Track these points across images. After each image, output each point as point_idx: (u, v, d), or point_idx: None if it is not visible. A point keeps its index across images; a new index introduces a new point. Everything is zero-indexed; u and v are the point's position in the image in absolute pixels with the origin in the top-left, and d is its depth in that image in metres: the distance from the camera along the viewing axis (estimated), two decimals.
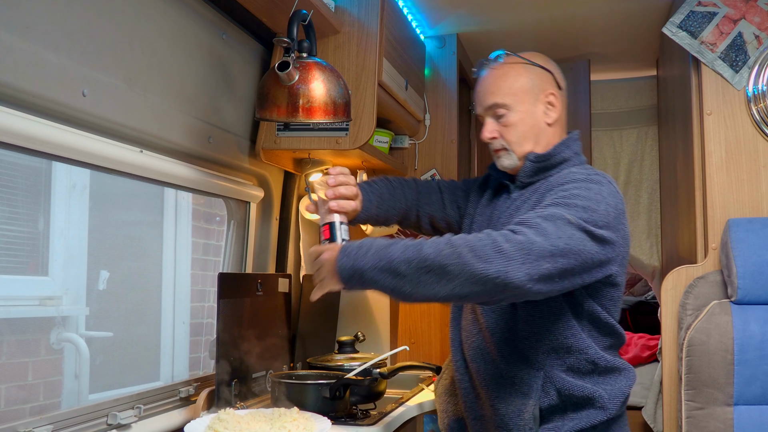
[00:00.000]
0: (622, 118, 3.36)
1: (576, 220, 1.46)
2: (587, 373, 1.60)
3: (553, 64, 1.77)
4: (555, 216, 1.45)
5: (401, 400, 2.22)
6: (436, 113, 2.92)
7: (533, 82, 1.71)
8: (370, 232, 2.74)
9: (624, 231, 1.57)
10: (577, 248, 1.44)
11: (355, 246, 1.47)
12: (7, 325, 2.54)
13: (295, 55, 1.79)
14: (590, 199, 1.51)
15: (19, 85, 1.36)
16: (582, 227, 1.46)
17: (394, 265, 1.40)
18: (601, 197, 1.53)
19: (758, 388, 2.05)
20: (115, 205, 3.12)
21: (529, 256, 1.38)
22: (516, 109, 1.69)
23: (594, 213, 1.49)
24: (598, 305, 1.60)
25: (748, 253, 2.12)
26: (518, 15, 2.71)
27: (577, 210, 1.48)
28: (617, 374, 1.62)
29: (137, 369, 3.26)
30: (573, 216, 1.46)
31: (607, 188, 1.57)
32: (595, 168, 1.72)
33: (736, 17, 2.31)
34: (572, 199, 1.51)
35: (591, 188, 1.55)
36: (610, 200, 1.54)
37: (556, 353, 1.59)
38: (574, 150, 1.72)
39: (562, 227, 1.43)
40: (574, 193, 1.53)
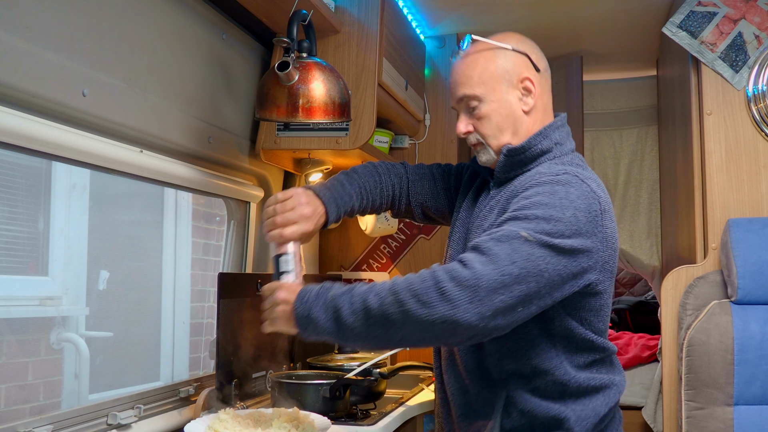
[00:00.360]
0: (622, 118, 3.36)
1: (535, 236, 1.32)
2: (555, 395, 1.46)
3: (530, 43, 1.59)
4: (509, 236, 1.32)
5: (401, 400, 2.22)
6: (436, 113, 2.92)
7: (505, 68, 1.53)
8: (369, 231, 2.74)
9: (603, 233, 1.41)
10: (537, 269, 1.30)
11: (313, 294, 1.38)
12: (7, 325, 2.54)
13: (295, 55, 1.79)
14: (554, 207, 1.36)
15: (19, 85, 1.36)
16: (543, 242, 1.32)
17: (342, 317, 1.33)
18: (568, 201, 1.37)
19: (758, 388, 2.06)
20: (115, 205, 3.12)
21: (476, 294, 1.26)
22: (488, 99, 1.53)
23: (558, 222, 1.34)
24: (576, 320, 1.45)
25: (748, 253, 2.12)
26: (518, 15, 2.71)
27: (537, 222, 1.34)
28: (593, 394, 1.47)
29: (137, 369, 3.26)
30: (531, 231, 1.32)
31: (577, 189, 1.40)
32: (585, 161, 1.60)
33: (736, 17, 2.31)
34: (532, 209, 1.37)
35: (556, 192, 1.39)
36: (580, 203, 1.38)
37: (521, 374, 1.46)
38: (554, 139, 1.55)
39: (517, 248, 1.30)
40: (536, 201, 1.38)
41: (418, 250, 2.90)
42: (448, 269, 1.30)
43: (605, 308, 1.49)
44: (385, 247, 2.92)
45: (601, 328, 1.49)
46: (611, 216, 1.47)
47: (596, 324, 1.48)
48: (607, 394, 1.49)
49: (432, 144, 2.92)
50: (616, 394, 1.51)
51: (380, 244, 2.93)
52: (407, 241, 2.91)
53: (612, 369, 1.53)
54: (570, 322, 1.44)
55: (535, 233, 1.32)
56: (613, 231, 1.46)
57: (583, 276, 1.39)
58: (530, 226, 1.33)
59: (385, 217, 2.72)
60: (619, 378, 1.54)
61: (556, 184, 1.41)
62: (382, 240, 2.92)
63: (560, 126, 1.57)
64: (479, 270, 1.28)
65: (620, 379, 1.54)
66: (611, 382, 1.50)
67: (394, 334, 1.32)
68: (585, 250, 1.37)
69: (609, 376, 1.51)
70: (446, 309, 1.26)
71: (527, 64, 1.55)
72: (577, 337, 1.46)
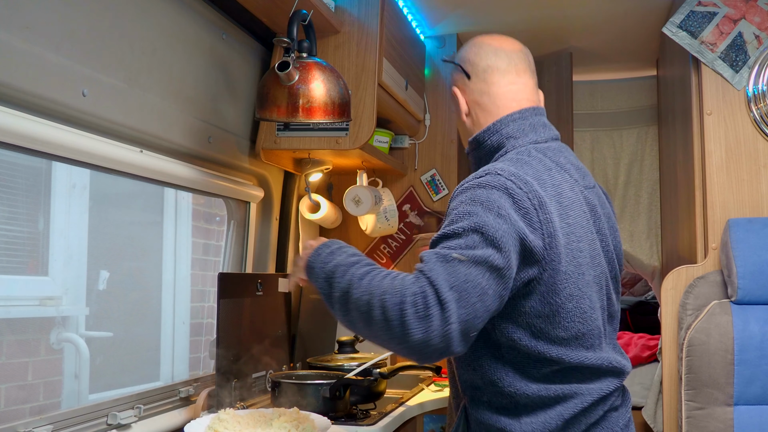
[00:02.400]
0: (622, 118, 3.36)
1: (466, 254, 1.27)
2: (506, 408, 1.42)
3: (470, 48, 1.62)
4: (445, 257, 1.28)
5: (401, 400, 2.22)
6: (436, 113, 2.92)
7: (450, 82, 1.65)
8: (369, 231, 2.74)
9: (543, 227, 1.36)
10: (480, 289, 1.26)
11: (327, 252, 1.42)
12: (7, 325, 2.54)
13: (295, 55, 1.79)
14: (475, 215, 1.32)
15: (19, 85, 1.36)
16: (474, 260, 1.27)
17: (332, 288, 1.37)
18: (489, 202, 1.33)
19: (758, 388, 2.06)
20: (115, 205, 3.12)
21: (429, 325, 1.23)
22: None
23: (484, 230, 1.29)
24: (515, 327, 1.39)
25: (748, 253, 2.12)
26: (518, 15, 2.71)
27: (449, 240, 1.31)
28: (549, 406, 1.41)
29: (137, 369, 3.26)
30: (460, 250, 1.28)
31: (499, 189, 1.35)
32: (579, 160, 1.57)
33: (736, 17, 2.31)
34: (446, 227, 1.34)
35: (477, 196, 1.35)
36: (503, 201, 1.33)
37: (475, 386, 1.46)
38: (506, 134, 1.52)
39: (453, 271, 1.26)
40: (455, 214, 1.35)
41: (418, 250, 2.90)
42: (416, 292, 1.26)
43: (563, 313, 1.39)
44: (385, 247, 2.92)
45: (562, 336, 1.39)
46: (555, 210, 1.40)
47: (551, 331, 1.39)
48: (566, 405, 1.41)
49: (432, 144, 2.92)
50: (578, 404, 1.41)
51: (380, 244, 2.93)
52: (407, 241, 2.91)
53: (579, 378, 1.43)
54: (513, 330, 1.39)
55: (464, 251, 1.28)
56: (561, 226, 1.39)
57: (532, 276, 1.35)
58: (460, 242, 1.30)
59: (385, 217, 2.72)
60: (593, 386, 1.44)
61: (478, 187, 1.37)
62: (382, 240, 2.92)
63: (516, 119, 1.54)
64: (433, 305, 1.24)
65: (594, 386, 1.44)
66: (573, 392, 1.41)
67: (359, 331, 1.36)
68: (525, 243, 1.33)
69: (570, 386, 1.42)
70: (399, 334, 1.25)
71: (458, 74, 1.61)
72: (523, 348, 1.39)
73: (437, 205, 2.90)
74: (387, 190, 2.79)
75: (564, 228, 1.39)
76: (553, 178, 1.44)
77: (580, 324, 1.41)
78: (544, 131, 1.55)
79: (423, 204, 2.91)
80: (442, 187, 2.89)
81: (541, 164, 1.46)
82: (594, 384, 1.44)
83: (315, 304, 2.57)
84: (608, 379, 1.46)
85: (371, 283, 1.31)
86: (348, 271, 1.36)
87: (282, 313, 2.31)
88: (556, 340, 1.39)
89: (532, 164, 1.44)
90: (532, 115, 1.55)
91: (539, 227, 1.35)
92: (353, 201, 2.57)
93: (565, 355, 1.40)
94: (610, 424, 1.47)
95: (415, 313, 1.23)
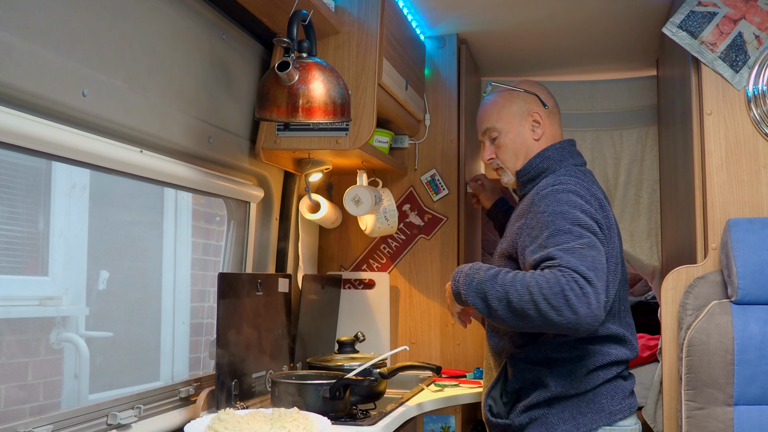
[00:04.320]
0: (622, 118, 3.36)
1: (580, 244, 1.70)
2: (542, 360, 1.85)
3: (539, 86, 2.06)
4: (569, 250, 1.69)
5: (401, 400, 2.22)
6: (436, 113, 2.92)
7: (519, 105, 2.02)
8: (369, 231, 2.74)
9: (605, 222, 1.83)
10: (602, 265, 1.69)
11: (462, 275, 1.80)
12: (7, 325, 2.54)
13: (295, 55, 1.79)
14: (564, 213, 1.76)
15: (19, 85, 1.36)
16: (590, 244, 1.71)
17: (489, 300, 1.72)
18: (571, 202, 1.78)
19: (758, 388, 2.05)
20: (115, 205, 3.12)
21: (589, 302, 1.62)
22: (505, 131, 2.01)
23: (579, 225, 1.74)
24: None
25: (748, 253, 2.12)
26: (518, 15, 2.71)
27: (564, 235, 1.72)
28: (576, 359, 1.84)
29: (137, 369, 3.26)
30: (579, 241, 1.71)
31: (574, 193, 1.80)
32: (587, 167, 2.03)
33: (736, 17, 2.31)
34: (550, 226, 1.75)
35: (560, 199, 1.79)
36: (579, 200, 1.79)
37: (518, 344, 1.89)
38: (552, 158, 1.97)
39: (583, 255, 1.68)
40: (549, 211, 1.78)
41: (418, 250, 2.90)
42: (569, 279, 1.63)
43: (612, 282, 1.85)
44: (385, 247, 2.92)
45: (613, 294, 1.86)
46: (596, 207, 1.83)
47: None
48: (591, 360, 1.84)
49: (432, 144, 2.92)
50: (599, 360, 1.85)
51: (380, 244, 2.93)
52: (407, 241, 2.91)
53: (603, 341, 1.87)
54: None
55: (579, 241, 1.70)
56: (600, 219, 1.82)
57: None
58: (570, 237, 1.72)
59: (385, 217, 2.72)
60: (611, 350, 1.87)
61: (557, 193, 1.81)
62: (382, 240, 2.92)
63: (558, 147, 2.00)
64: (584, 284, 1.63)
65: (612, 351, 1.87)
66: (596, 351, 1.85)
67: (528, 323, 1.68)
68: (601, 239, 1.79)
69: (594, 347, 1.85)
70: (570, 315, 1.62)
71: (536, 102, 2.03)
72: None
73: (437, 205, 2.90)
74: (387, 190, 2.79)
75: (605, 221, 1.84)
76: (594, 187, 1.90)
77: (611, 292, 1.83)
78: (579, 158, 2.03)
79: (423, 204, 2.91)
80: (442, 187, 2.89)
81: (585, 177, 1.92)
82: (613, 349, 1.87)
83: (315, 304, 2.57)
84: (623, 348, 1.90)
85: (523, 284, 1.66)
86: (496, 282, 1.72)
87: (282, 313, 2.31)
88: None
89: (580, 177, 1.90)
90: (569, 145, 2.03)
91: (598, 215, 1.81)
92: (353, 201, 2.57)
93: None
94: (621, 385, 1.90)
95: (575, 295, 1.60)
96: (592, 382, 1.85)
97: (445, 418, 2.59)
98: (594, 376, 1.85)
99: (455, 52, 2.92)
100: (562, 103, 3.32)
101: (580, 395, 1.85)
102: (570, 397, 1.85)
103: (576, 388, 1.84)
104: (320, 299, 2.62)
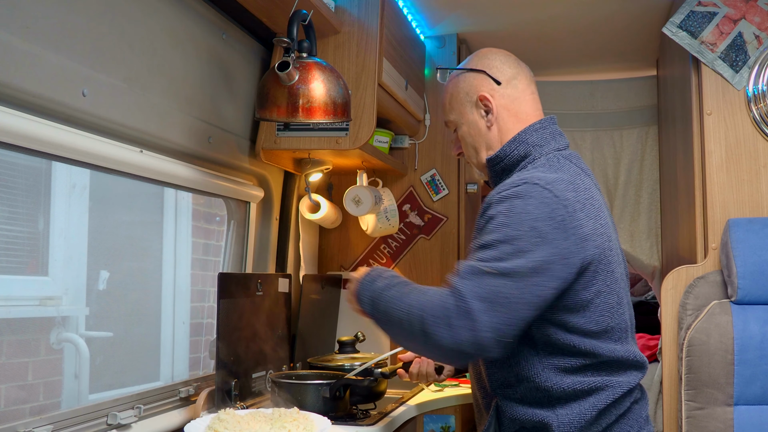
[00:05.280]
0: (623, 118, 3.36)
1: (494, 267, 1.38)
2: (541, 402, 1.50)
3: (493, 54, 1.67)
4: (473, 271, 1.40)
5: (401, 400, 2.22)
6: (436, 113, 2.92)
7: (465, 90, 1.66)
8: (370, 231, 2.74)
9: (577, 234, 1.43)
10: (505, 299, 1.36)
11: (368, 279, 1.56)
12: (7, 325, 2.53)
13: (295, 55, 1.79)
14: (508, 225, 1.41)
15: (19, 85, 1.36)
16: (502, 271, 1.37)
17: (377, 311, 1.51)
18: (525, 214, 1.41)
19: (758, 388, 2.05)
20: (115, 205, 3.11)
21: (473, 324, 1.35)
22: (459, 122, 1.68)
23: (517, 241, 1.39)
24: (551, 325, 1.47)
25: (748, 253, 2.12)
26: (518, 15, 2.71)
27: (496, 249, 1.40)
28: (582, 398, 1.48)
29: (137, 369, 3.25)
30: (490, 263, 1.39)
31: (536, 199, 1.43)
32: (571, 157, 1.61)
33: (736, 17, 2.31)
34: (489, 235, 1.43)
35: (513, 207, 1.43)
36: (539, 213, 1.41)
37: (508, 383, 1.53)
38: (531, 142, 1.59)
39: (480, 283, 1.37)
40: (495, 221, 1.43)
41: (418, 249, 2.90)
42: (439, 307, 1.39)
43: (592, 307, 1.47)
44: (385, 247, 2.92)
45: (593, 330, 1.48)
46: (589, 213, 1.48)
47: (583, 325, 1.47)
48: (599, 397, 1.49)
49: (432, 144, 2.92)
50: (610, 395, 1.49)
51: (380, 244, 2.93)
52: (407, 241, 2.91)
53: (609, 370, 1.51)
54: (545, 325, 1.46)
55: (487, 265, 1.39)
56: (595, 228, 1.47)
57: (565, 282, 1.42)
58: (487, 255, 1.40)
59: (385, 217, 2.72)
60: (622, 379, 1.52)
61: (516, 197, 1.44)
62: (382, 240, 2.92)
63: (538, 129, 1.62)
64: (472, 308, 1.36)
65: (623, 379, 1.52)
66: (605, 384, 1.49)
67: (404, 344, 1.52)
68: (554, 260, 1.40)
69: (602, 378, 1.50)
70: (448, 338, 1.37)
71: (485, 81, 1.64)
72: (556, 342, 1.47)
73: (437, 205, 2.90)
74: (387, 190, 2.79)
75: (597, 229, 1.48)
76: (584, 182, 1.53)
77: (609, 318, 1.50)
78: (561, 139, 1.64)
79: (423, 204, 2.91)
80: (442, 187, 2.89)
81: (571, 170, 1.54)
82: (622, 377, 1.52)
83: (315, 304, 2.57)
84: (633, 372, 1.55)
85: (405, 300, 1.44)
86: (384, 294, 1.50)
87: (282, 313, 2.31)
88: (588, 334, 1.47)
89: (564, 170, 1.53)
90: (550, 124, 1.64)
91: (573, 233, 1.43)
92: (353, 201, 2.57)
93: (597, 348, 1.48)
94: (635, 415, 1.55)
95: (440, 324, 1.36)
96: (605, 421, 1.50)
97: (445, 418, 2.59)
98: (607, 414, 1.51)
99: (455, 52, 2.92)
100: (562, 103, 3.35)
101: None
102: None
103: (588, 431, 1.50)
104: (320, 299, 2.62)
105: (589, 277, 1.46)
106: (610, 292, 1.51)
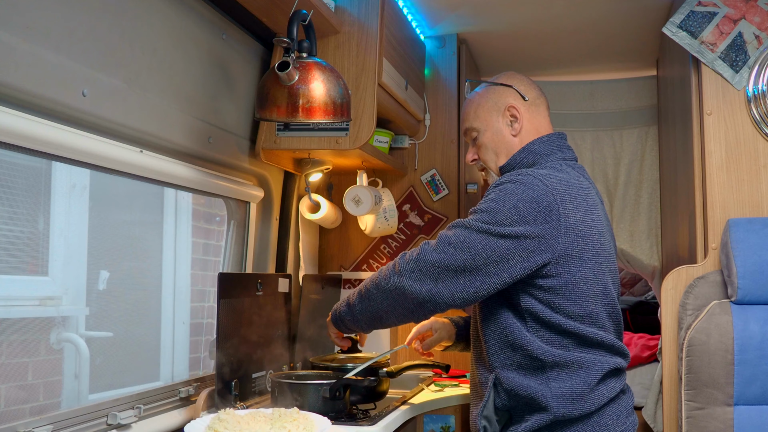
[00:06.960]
0: (622, 118, 3.36)
1: (473, 224, 1.64)
2: (535, 370, 1.66)
3: (520, 77, 1.92)
4: (455, 224, 1.68)
5: (401, 400, 2.22)
6: (436, 113, 2.92)
7: (494, 101, 1.88)
8: (369, 231, 2.74)
9: (560, 221, 1.63)
10: (472, 248, 1.62)
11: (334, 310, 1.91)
12: (7, 325, 2.53)
13: (295, 55, 1.79)
14: (496, 201, 1.65)
15: (19, 85, 1.36)
16: (479, 229, 1.63)
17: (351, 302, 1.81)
18: (512, 195, 1.64)
19: (758, 388, 2.05)
20: (115, 205, 3.12)
21: (418, 264, 1.66)
22: (483, 129, 1.88)
23: (497, 213, 1.63)
24: (537, 300, 1.66)
25: (748, 253, 2.12)
26: (518, 15, 2.71)
27: (480, 214, 1.66)
28: (574, 371, 1.64)
29: (137, 369, 3.25)
30: (471, 221, 1.65)
31: (527, 186, 1.65)
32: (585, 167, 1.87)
33: (736, 17, 2.31)
34: (480, 205, 1.68)
35: (505, 189, 1.66)
36: (525, 195, 1.63)
37: (503, 351, 1.70)
38: (537, 152, 1.81)
39: (458, 233, 1.65)
40: (487, 198, 1.68)
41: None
42: (405, 252, 1.72)
43: (578, 293, 1.66)
44: (385, 247, 2.92)
45: (577, 312, 1.66)
46: (579, 206, 1.68)
47: (569, 308, 1.65)
48: (589, 372, 1.64)
49: (432, 144, 2.92)
50: (599, 371, 1.65)
51: (380, 244, 2.93)
52: (407, 241, 2.91)
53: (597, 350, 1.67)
54: (531, 301, 1.66)
55: (474, 221, 1.65)
56: (584, 220, 1.67)
57: (532, 258, 1.62)
58: (472, 218, 1.66)
59: (385, 217, 2.72)
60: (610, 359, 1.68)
61: (510, 182, 1.68)
62: (382, 240, 2.92)
63: (546, 141, 1.84)
64: (424, 248, 1.68)
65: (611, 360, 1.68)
66: (594, 360, 1.66)
67: (375, 304, 1.75)
68: (530, 236, 1.62)
69: (591, 356, 1.66)
70: (396, 278, 1.68)
71: (514, 95, 1.88)
72: (543, 318, 1.66)
73: (437, 205, 2.90)
74: (387, 190, 2.79)
75: (588, 222, 1.68)
76: (581, 183, 1.75)
77: (593, 305, 1.68)
78: (569, 152, 1.86)
79: (423, 204, 2.91)
80: (442, 187, 2.89)
81: (572, 172, 1.76)
82: (609, 358, 1.69)
83: (315, 304, 2.57)
84: (619, 357, 1.71)
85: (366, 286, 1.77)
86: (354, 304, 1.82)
87: (282, 313, 2.31)
88: (572, 316, 1.66)
89: (565, 171, 1.75)
90: (558, 138, 1.87)
91: (556, 218, 1.63)
92: (353, 201, 2.57)
93: (581, 330, 1.66)
94: (625, 404, 1.72)
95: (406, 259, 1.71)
96: (597, 401, 1.64)
97: (445, 418, 2.60)
98: (598, 394, 1.65)
99: (455, 52, 2.92)
100: (562, 103, 3.35)
101: (584, 418, 1.64)
102: (574, 420, 1.64)
103: (580, 409, 1.63)
104: (320, 299, 2.62)
105: (574, 262, 1.64)
106: (596, 281, 1.68)
